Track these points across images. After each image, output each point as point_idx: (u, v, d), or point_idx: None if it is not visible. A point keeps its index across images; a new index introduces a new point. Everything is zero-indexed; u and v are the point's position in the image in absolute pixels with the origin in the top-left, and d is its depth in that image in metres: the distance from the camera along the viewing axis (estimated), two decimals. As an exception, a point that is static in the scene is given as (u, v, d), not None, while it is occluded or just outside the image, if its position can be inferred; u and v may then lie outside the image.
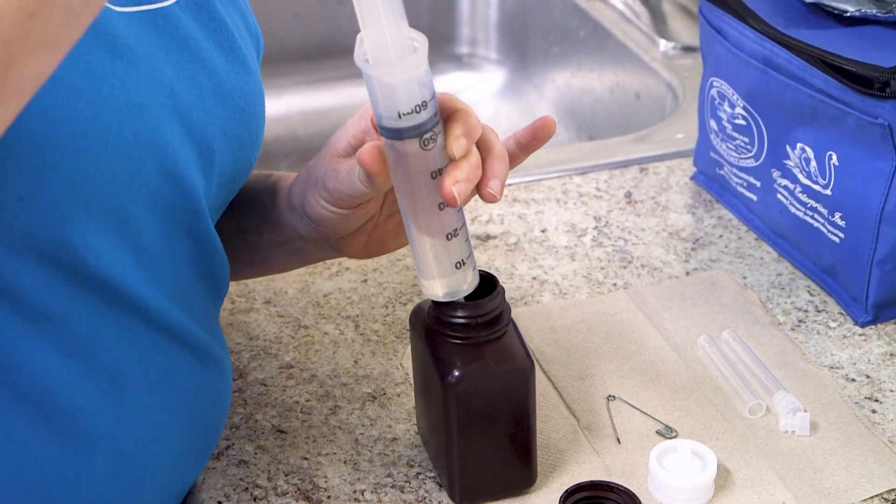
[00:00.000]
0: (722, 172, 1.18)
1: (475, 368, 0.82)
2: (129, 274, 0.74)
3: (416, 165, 0.75)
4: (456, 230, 0.79)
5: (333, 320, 1.05)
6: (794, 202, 1.08)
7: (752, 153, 1.12)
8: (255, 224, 0.92)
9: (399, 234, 0.88)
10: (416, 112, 0.73)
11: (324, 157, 0.84)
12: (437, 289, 0.81)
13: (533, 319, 1.04)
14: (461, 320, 0.81)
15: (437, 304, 0.82)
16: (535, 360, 0.99)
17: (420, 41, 0.71)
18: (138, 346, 0.76)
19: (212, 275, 0.82)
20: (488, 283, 0.83)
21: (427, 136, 0.74)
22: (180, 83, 0.76)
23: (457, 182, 0.75)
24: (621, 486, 0.85)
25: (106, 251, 0.72)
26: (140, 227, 0.74)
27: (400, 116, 0.73)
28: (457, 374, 0.81)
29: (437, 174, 0.76)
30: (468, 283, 0.81)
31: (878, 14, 1.04)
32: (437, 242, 0.79)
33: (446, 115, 0.76)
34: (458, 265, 0.80)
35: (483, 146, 0.78)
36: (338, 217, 0.84)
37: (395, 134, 0.74)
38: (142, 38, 0.74)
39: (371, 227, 0.87)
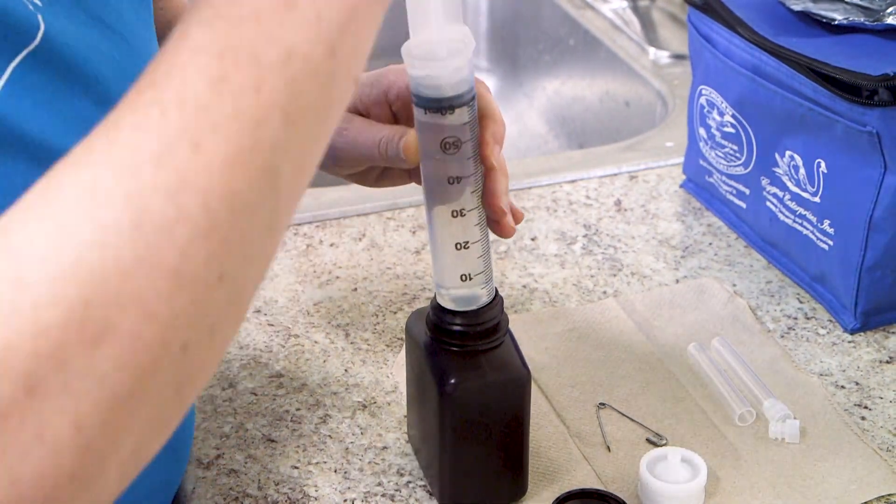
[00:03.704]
0: (711, 180, 1.18)
1: (472, 377, 0.82)
2: None
3: (437, 168, 0.77)
4: (467, 243, 0.79)
5: (324, 329, 1.05)
6: (783, 210, 1.09)
7: (741, 161, 1.13)
8: None
9: (411, 177, 0.90)
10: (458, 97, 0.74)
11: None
12: (443, 298, 0.81)
13: (523, 327, 1.04)
14: (459, 328, 0.82)
15: (436, 312, 0.82)
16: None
17: (466, 42, 0.73)
18: None
19: None
20: None
21: (449, 139, 0.75)
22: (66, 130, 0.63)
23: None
24: (611, 494, 0.85)
25: None
26: None
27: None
28: (453, 381, 0.81)
29: (455, 181, 0.77)
30: (474, 296, 0.81)
31: (866, 22, 1.05)
32: (447, 249, 0.79)
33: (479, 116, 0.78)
34: (464, 278, 0.80)
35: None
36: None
37: (430, 102, 0.75)
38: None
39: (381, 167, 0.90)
